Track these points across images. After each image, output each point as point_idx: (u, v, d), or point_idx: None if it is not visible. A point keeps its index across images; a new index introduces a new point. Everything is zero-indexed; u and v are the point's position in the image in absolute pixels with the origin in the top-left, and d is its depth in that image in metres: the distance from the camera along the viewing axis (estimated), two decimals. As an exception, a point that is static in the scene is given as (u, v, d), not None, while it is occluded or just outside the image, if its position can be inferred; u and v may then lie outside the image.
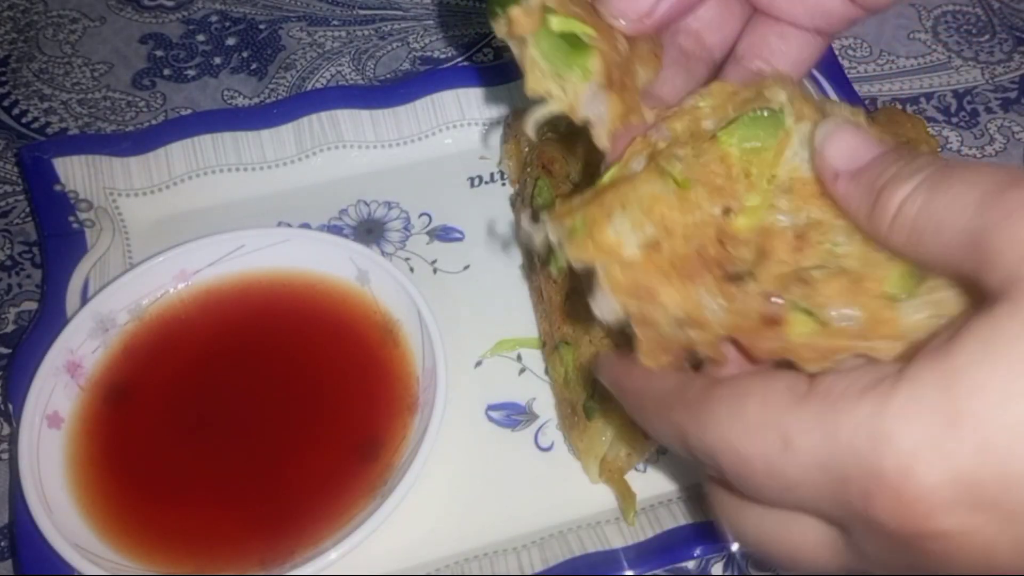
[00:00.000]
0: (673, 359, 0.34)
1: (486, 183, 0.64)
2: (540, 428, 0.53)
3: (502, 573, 0.47)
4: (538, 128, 0.38)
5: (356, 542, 0.45)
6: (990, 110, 0.69)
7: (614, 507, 0.50)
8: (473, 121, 0.65)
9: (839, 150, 0.32)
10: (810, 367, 0.31)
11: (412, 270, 0.60)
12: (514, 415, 0.54)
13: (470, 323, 0.57)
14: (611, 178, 0.37)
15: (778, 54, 0.43)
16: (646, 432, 0.36)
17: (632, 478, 0.50)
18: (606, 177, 0.37)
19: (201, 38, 0.75)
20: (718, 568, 0.49)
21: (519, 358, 0.56)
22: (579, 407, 0.49)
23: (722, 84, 0.38)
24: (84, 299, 0.55)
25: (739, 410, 0.29)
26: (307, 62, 0.73)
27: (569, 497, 0.50)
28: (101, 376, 0.53)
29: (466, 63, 0.72)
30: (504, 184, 0.64)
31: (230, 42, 0.74)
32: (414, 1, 0.77)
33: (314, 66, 0.72)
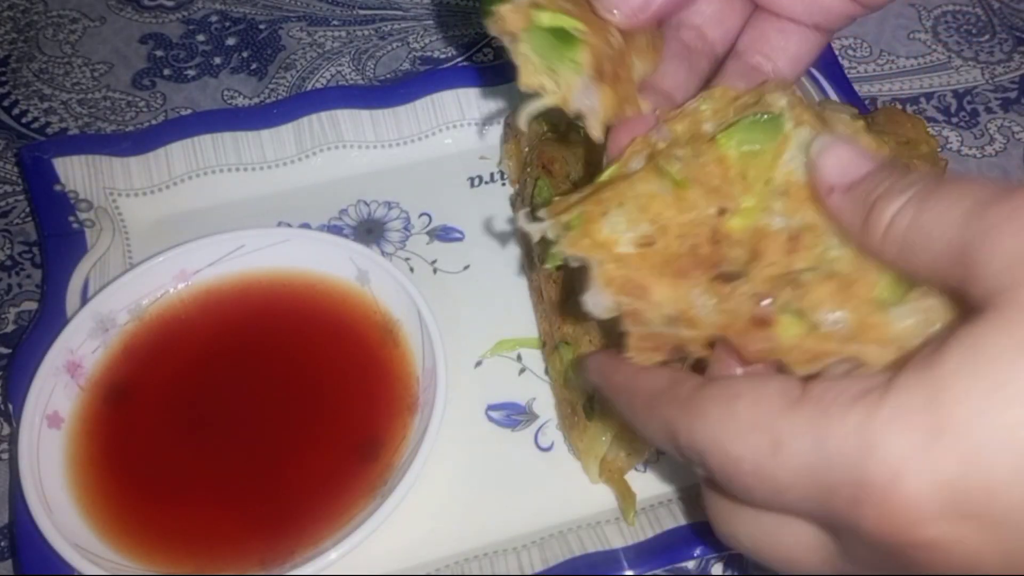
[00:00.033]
0: (663, 356, 0.34)
1: (486, 183, 0.64)
2: (540, 428, 0.53)
3: (502, 573, 0.47)
4: (530, 121, 0.39)
5: (356, 542, 0.45)
6: (990, 110, 0.69)
7: (614, 507, 0.50)
8: (473, 121, 0.65)
9: (833, 164, 0.32)
10: (799, 369, 0.32)
11: (412, 270, 0.60)
12: (514, 415, 0.54)
13: (470, 323, 0.57)
14: (610, 176, 0.37)
15: (778, 49, 0.44)
16: (636, 429, 0.36)
17: (632, 478, 0.50)
18: (605, 175, 0.37)
19: (201, 38, 0.75)
20: (718, 568, 0.49)
21: (519, 358, 0.56)
22: (579, 407, 0.49)
23: (724, 88, 0.38)
24: (84, 299, 0.55)
25: (730, 411, 0.29)
26: (307, 62, 0.73)
27: (569, 497, 0.50)
28: (101, 376, 0.53)
29: (466, 63, 0.72)
30: (504, 184, 0.64)
31: (230, 42, 0.74)
32: (414, 1, 0.77)
33: (314, 66, 0.72)
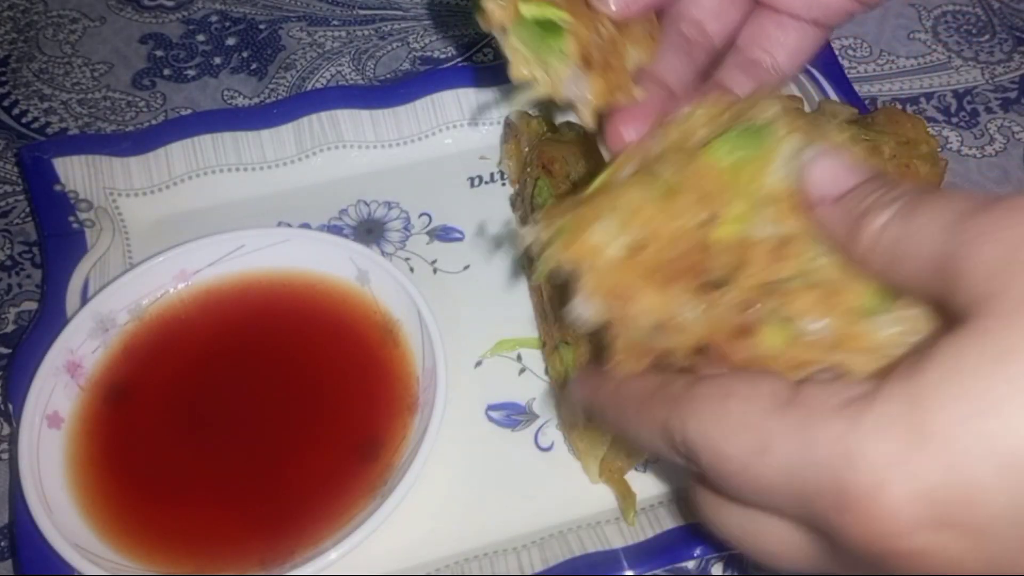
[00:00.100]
0: (649, 363, 0.34)
1: (486, 183, 0.64)
2: (540, 428, 0.53)
3: (502, 573, 0.47)
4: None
5: (356, 542, 0.45)
6: (990, 110, 0.69)
7: (614, 507, 0.50)
8: (473, 121, 0.65)
9: (822, 175, 0.33)
10: (785, 376, 0.32)
11: (412, 270, 0.60)
12: (514, 415, 0.54)
13: (470, 323, 0.57)
14: (601, 183, 0.37)
15: (777, 44, 0.44)
16: (628, 440, 0.36)
17: (632, 478, 0.50)
18: (597, 182, 0.38)
19: (201, 38, 0.75)
20: (718, 568, 0.49)
21: (519, 358, 0.56)
22: (579, 407, 0.49)
23: (716, 98, 0.39)
24: (84, 299, 0.55)
25: (722, 408, 0.29)
26: (307, 62, 0.73)
27: (569, 497, 0.50)
28: (101, 376, 0.53)
29: (466, 63, 0.72)
30: (504, 184, 0.64)
31: (230, 42, 0.74)
32: (414, 1, 0.77)
33: (314, 66, 0.72)
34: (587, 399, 0.38)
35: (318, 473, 0.50)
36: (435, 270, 0.60)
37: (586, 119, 0.40)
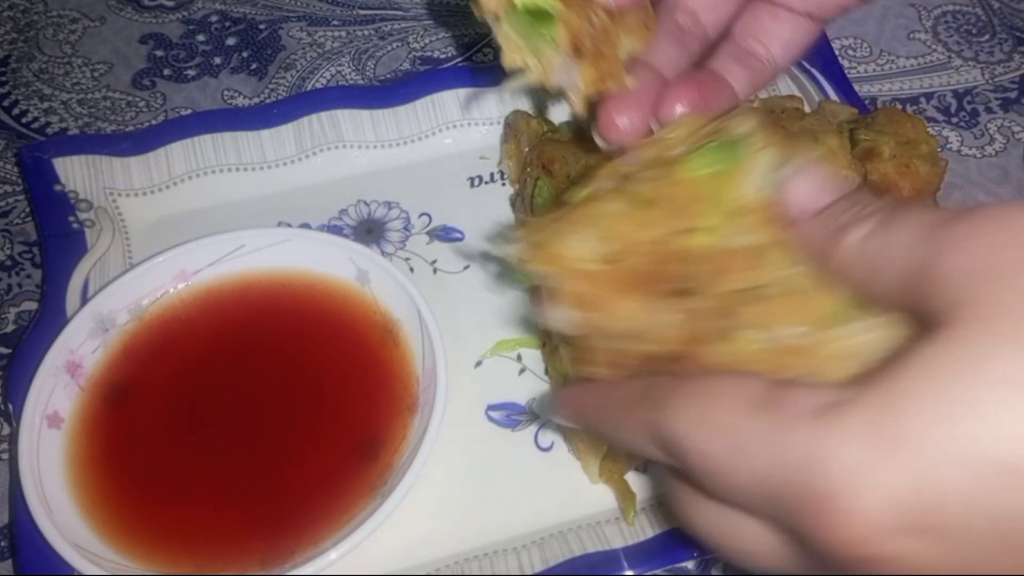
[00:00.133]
0: (627, 372, 0.35)
1: (486, 183, 0.64)
2: (540, 428, 0.53)
3: (502, 573, 0.47)
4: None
5: (356, 542, 0.45)
6: (990, 110, 0.69)
7: (614, 507, 0.50)
8: (473, 121, 0.65)
9: (800, 193, 0.34)
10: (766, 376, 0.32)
11: (412, 270, 0.60)
12: (514, 415, 0.54)
13: (470, 323, 0.57)
14: (581, 197, 0.38)
15: (770, 34, 0.45)
16: (619, 448, 0.36)
17: (632, 478, 0.50)
18: (577, 196, 0.39)
19: (201, 38, 0.75)
20: (718, 568, 0.49)
21: (519, 358, 0.56)
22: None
23: (692, 116, 0.40)
24: (84, 299, 0.55)
25: (704, 408, 0.29)
26: (307, 62, 0.73)
27: (569, 497, 0.50)
28: (101, 376, 0.53)
29: (466, 63, 0.72)
30: (504, 184, 0.64)
31: (230, 42, 0.74)
32: (414, 1, 0.77)
33: (314, 66, 0.72)
34: (573, 410, 0.38)
35: (318, 473, 0.50)
36: (435, 270, 0.60)
37: (577, 107, 0.41)
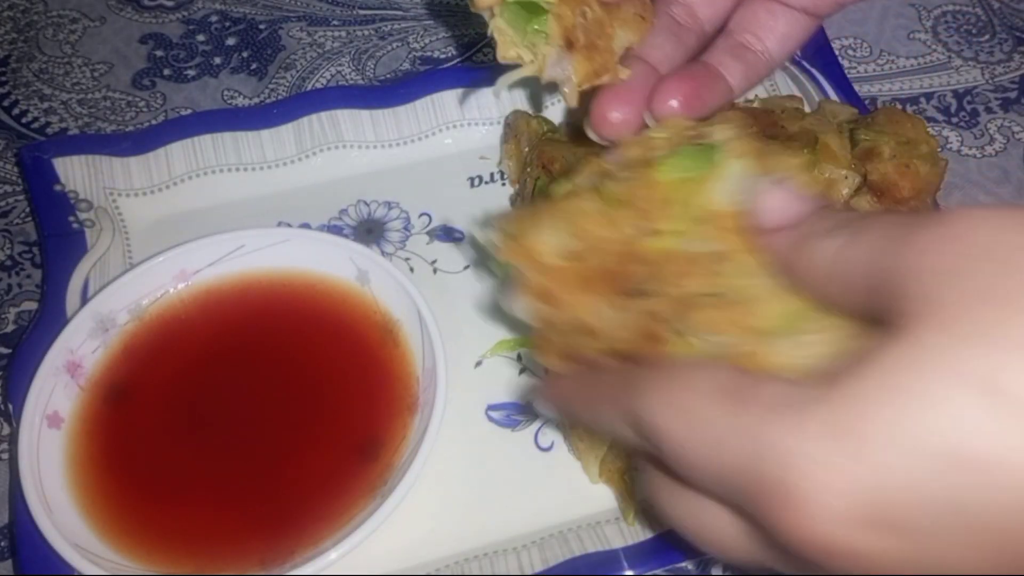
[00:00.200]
0: (575, 365, 0.37)
1: (486, 183, 0.64)
2: (540, 428, 0.53)
3: (502, 573, 0.47)
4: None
5: (356, 542, 0.45)
6: (990, 110, 0.69)
7: (614, 507, 0.50)
8: (473, 121, 0.65)
9: (772, 206, 0.34)
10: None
11: (412, 270, 0.60)
12: (514, 415, 0.54)
13: (470, 323, 0.57)
14: (562, 192, 0.39)
15: (766, 29, 0.45)
16: (600, 434, 0.38)
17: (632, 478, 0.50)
18: (559, 191, 0.39)
19: (201, 38, 0.75)
20: (718, 568, 0.49)
21: (519, 358, 0.56)
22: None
23: (678, 119, 0.40)
24: (84, 299, 0.55)
25: (678, 395, 0.30)
26: (307, 62, 0.73)
27: (569, 497, 0.50)
28: (101, 376, 0.53)
29: (466, 63, 0.72)
30: (504, 184, 0.64)
31: (230, 42, 0.74)
32: (414, 1, 0.77)
33: (314, 66, 0.72)
34: (556, 398, 0.39)
35: (318, 473, 0.50)
36: (435, 270, 0.60)
37: (570, 99, 0.42)
